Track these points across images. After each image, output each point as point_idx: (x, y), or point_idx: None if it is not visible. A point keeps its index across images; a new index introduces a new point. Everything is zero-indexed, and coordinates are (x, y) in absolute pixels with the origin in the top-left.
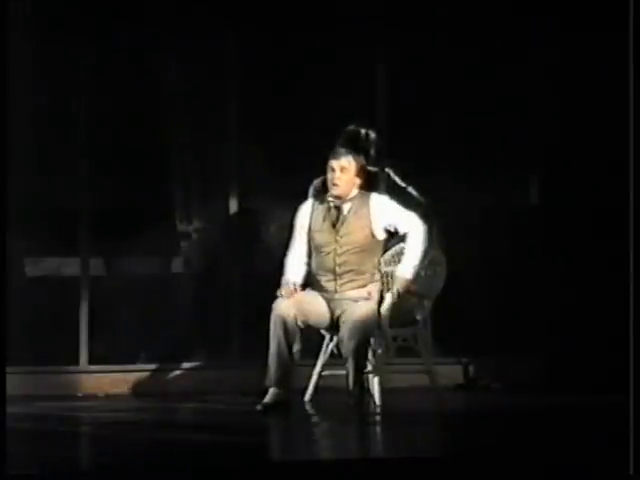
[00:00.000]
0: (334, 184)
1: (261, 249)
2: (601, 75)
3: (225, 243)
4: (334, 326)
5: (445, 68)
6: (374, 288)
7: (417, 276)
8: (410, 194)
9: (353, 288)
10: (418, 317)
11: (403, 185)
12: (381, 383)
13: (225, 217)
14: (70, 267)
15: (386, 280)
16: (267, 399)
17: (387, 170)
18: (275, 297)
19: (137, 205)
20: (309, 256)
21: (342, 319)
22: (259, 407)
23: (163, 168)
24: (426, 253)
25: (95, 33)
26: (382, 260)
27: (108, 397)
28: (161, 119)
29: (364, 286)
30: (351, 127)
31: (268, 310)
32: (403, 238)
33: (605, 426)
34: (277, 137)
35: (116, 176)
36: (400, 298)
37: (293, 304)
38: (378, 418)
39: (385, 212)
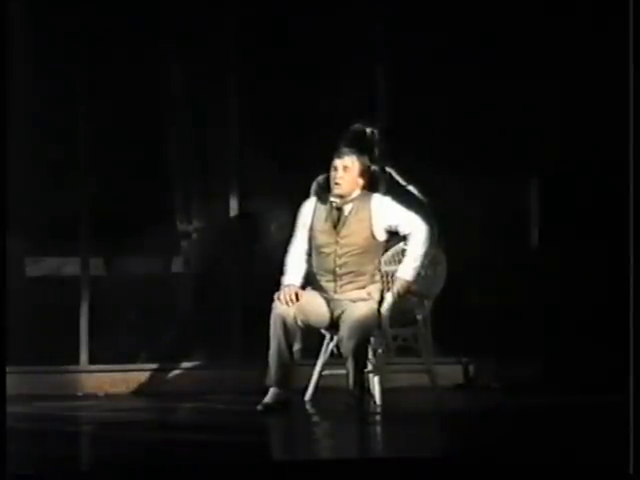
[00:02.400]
0: (336, 183)
1: (261, 249)
2: (601, 74)
3: (225, 243)
4: (334, 326)
5: (445, 68)
6: (374, 289)
7: (417, 276)
8: (412, 194)
9: (353, 289)
10: (418, 317)
11: (404, 185)
12: (381, 383)
13: (225, 217)
14: (70, 267)
15: (386, 280)
16: (267, 399)
17: (388, 170)
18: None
19: (137, 205)
20: (310, 255)
21: (342, 319)
22: (259, 407)
23: (163, 168)
24: (427, 254)
25: (94, 32)
26: (382, 259)
27: (108, 397)
28: (161, 119)
29: (364, 287)
30: (356, 126)
31: (268, 310)
32: (404, 238)
33: (605, 426)
34: (277, 137)
35: (116, 176)
36: (400, 298)
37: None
38: (378, 418)
39: (386, 213)
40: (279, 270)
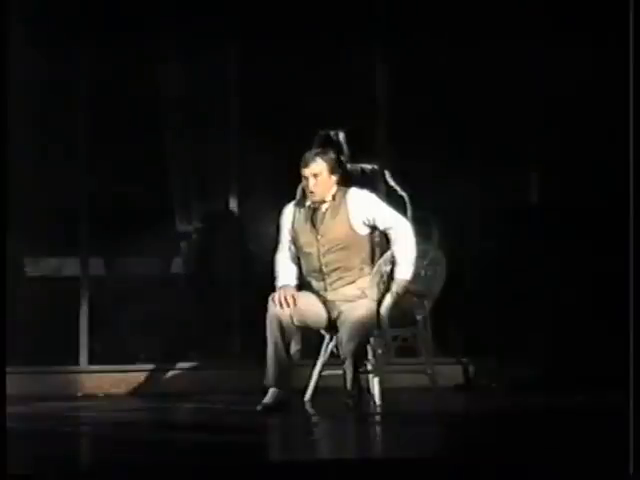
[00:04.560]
0: (311, 192)
1: (261, 248)
2: (601, 74)
3: (225, 243)
4: (332, 326)
5: (445, 68)
6: (365, 284)
7: (417, 276)
8: (395, 191)
9: (343, 285)
10: (418, 317)
11: (395, 187)
12: (381, 383)
13: (225, 217)
14: (70, 267)
15: (387, 280)
16: (267, 399)
17: (385, 172)
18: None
19: (137, 205)
20: (297, 257)
21: (340, 319)
22: (259, 407)
23: (163, 168)
24: (419, 250)
25: (94, 33)
26: (382, 260)
27: (108, 397)
28: (161, 119)
29: (353, 282)
30: (319, 133)
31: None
32: (385, 234)
33: (605, 426)
34: (277, 137)
35: (116, 176)
36: (400, 298)
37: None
38: (378, 418)
39: (362, 206)
40: None
